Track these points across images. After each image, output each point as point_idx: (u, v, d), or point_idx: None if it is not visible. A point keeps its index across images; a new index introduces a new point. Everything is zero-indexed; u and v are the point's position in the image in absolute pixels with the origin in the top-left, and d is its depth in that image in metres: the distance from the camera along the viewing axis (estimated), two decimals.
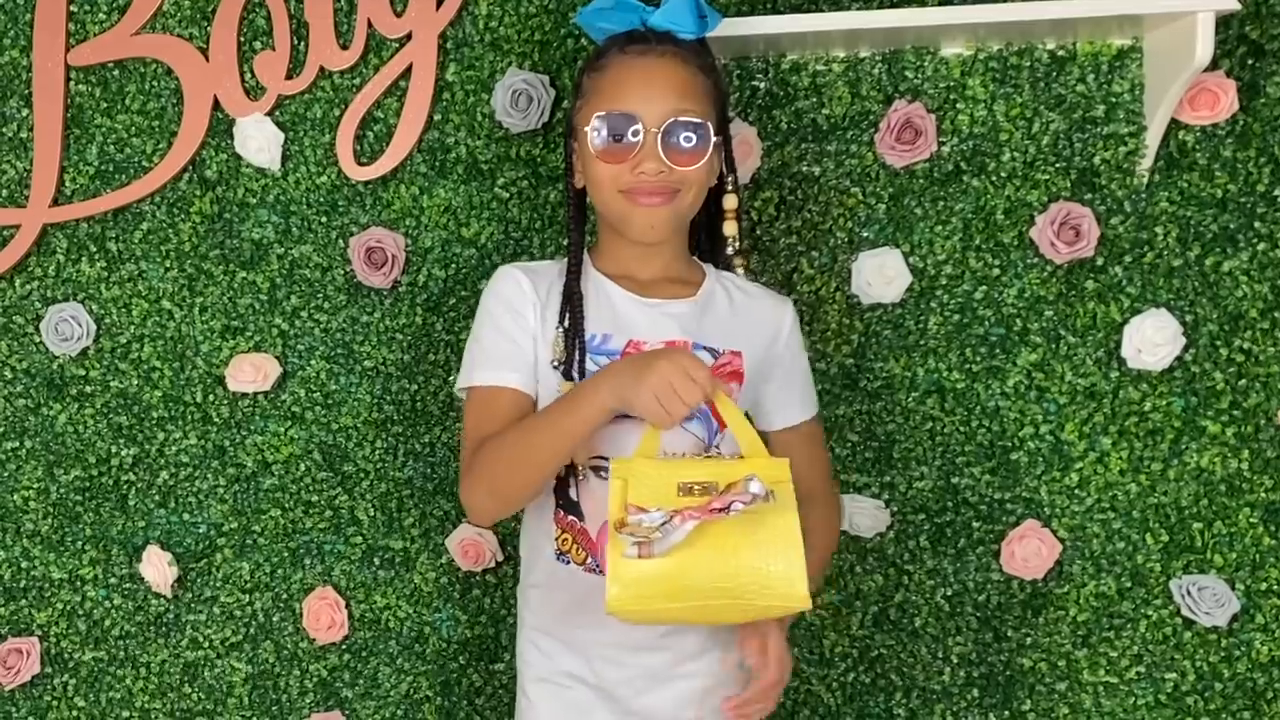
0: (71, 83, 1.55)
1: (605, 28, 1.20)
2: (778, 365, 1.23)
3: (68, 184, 1.56)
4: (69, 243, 1.57)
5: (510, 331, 1.16)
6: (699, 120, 1.12)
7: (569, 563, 1.16)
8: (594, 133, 1.12)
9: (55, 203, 1.56)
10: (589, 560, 1.14)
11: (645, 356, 1.01)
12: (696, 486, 0.99)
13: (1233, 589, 1.44)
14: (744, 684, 1.14)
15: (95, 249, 1.57)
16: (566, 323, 1.15)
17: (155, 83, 1.54)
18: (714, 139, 1.14)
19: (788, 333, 1.23)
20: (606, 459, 1.10)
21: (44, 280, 1.58)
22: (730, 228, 1.24)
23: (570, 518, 1.15)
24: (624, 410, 1.02)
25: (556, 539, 1.16)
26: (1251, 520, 1.44)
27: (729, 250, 1.24)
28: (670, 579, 0.96)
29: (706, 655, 1.16)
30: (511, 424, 1.11)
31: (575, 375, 1.13)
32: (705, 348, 1.16)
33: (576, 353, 1.13)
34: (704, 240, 1.27)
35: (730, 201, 1.24)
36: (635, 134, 1.11)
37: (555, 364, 1.14)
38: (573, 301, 1.15)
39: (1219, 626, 1.45)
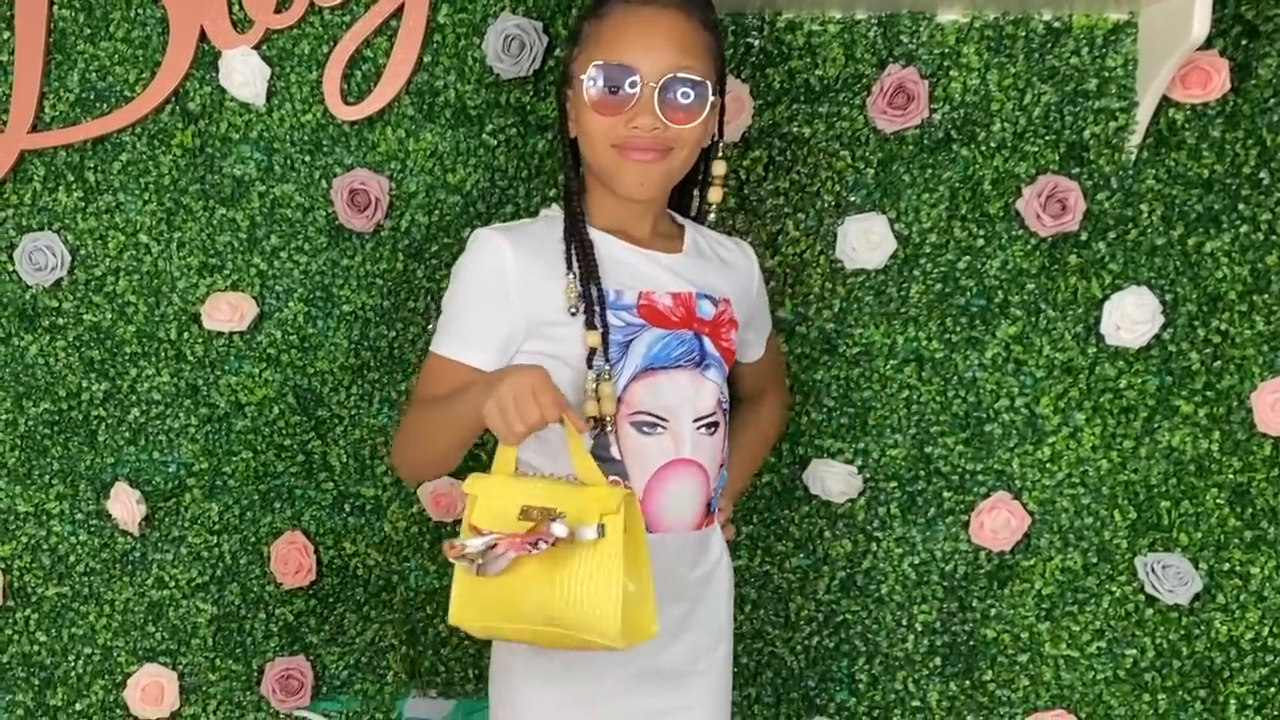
0: (55, 7, 1.51)
1: None
2: (755, 309, 1.27)
3: (47, 110, 1.53)
4: (46, 170, 1.54)
5: (483, 308, 1.12)
6: (698, 78, 1.09)
7: None
8: (590, 82, 1.09)
9: (34, 128, 1.53)
10: None
11: (506, 369, 1.02)
12: (535, 511, 0.98)
13: (1196, 568, 1.45)
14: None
15: (73, 178, 1.54)
16: (576, 268, 1.11)
17: (141, 10, 1.51)
18: (711, 98, 1.11)
19: (758, 278, 1.27)
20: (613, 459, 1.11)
21: (19, 208, 1.55)
22: (715, 194, 1.21)
23: None
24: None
25: None
26: (1218, 501, 1.45)
27: (710, 216, 1.23)
28: (505, 601, 1.00)
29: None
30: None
31: (598, 325, 1.09)
32: (706, 296, 1.16)
33: (596, 305, 1.10)
34: (682, 198, 1.24)
35: (719, 167, 1.21)
36: (633, 86, 1.08)
37: (572, 310, 1.10)
38: (584, 249, 1.11)
39: (1180, 605, 1.46)
